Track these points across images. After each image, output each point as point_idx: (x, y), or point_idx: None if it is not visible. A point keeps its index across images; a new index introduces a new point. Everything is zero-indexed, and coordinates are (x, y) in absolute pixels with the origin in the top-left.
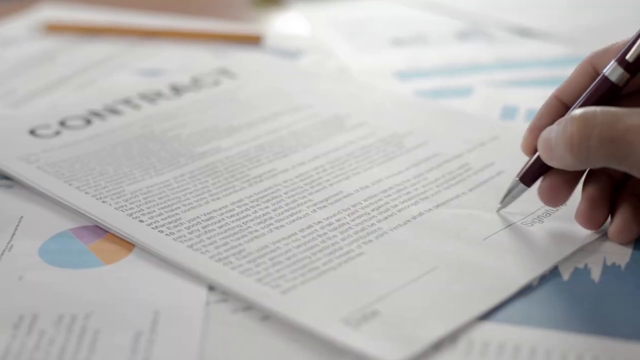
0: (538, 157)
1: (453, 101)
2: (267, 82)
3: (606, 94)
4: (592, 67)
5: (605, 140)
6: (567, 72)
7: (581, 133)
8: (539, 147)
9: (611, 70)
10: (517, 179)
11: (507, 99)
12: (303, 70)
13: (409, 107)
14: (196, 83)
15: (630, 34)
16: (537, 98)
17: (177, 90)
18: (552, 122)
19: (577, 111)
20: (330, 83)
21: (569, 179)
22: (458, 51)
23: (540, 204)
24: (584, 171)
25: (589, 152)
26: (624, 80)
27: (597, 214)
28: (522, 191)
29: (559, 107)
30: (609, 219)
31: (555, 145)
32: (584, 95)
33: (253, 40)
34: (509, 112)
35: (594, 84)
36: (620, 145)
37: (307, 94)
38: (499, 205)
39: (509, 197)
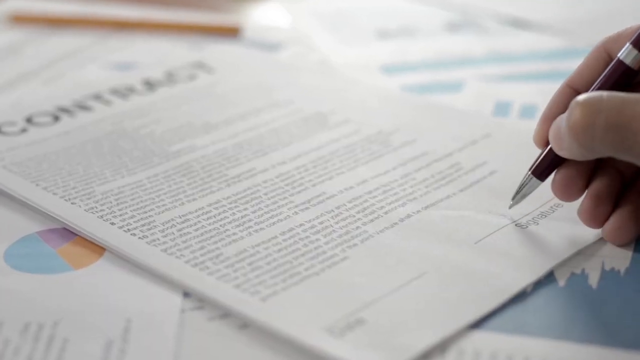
0: (550, 148)
1: (442, 97)
2: (246, 76)
3: (621, 78)
4: (605, 53)
5: (611, 127)
6: (563, 65)
7: (585, 119)
8: (550, 137)
9: (626, 53)
10: (529, 173)
11: (500, 94)
12: (283, 64)
13: (396, 103)
14: (170, 77)
15: (628, 25)
16: (532, 93)
17: (150, 85)
18: (564, 111)
19: (582, 96)
20: (312, 77)
21: (584, 171)
22: (448, 44)
23: (536, 204)
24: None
25: (594, 140)
26: (639, 64)
27: (601, 211)
28: (535, 186)
29: (572, 96)
30: None
31: (564, 133)
32: (597, 81)
33: (231, 32)
34: (502, 108)
35: (607, 69)
36: (627, 134)
37: (288, 89)
38: (511, 203)
39: (521, 193)
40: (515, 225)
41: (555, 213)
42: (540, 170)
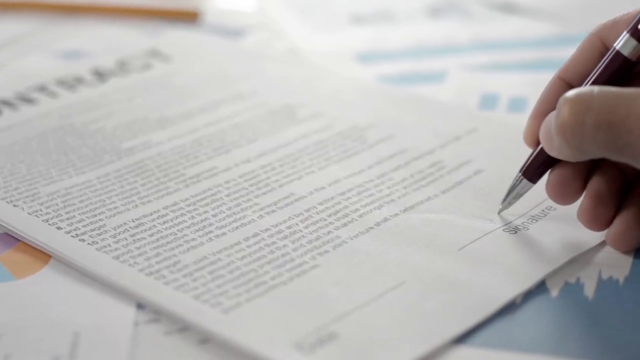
0: (542, 148)
1: (423, 88)
2: (206, 65)
3: (618, 70)
4: (600, 42)
5: (602, 126)
6: (555, 53)
7: (575, 117)
8: (541, 135)
9: (623, 42)
10: (519, 174)
11: (486, 85)
12: (248, 52)
13: (372, 95)
14: (123, 67)
15: (625, 9)
16: (521, 84)
17: (100, 75)
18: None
19: (571, 92)
20: (279, 67)
21: (581, 171)
22: (429, 30)
23: (527, 207)
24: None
25: (583, 139)
26: (637, 54)
27: (601, 212)
28: (527, 188)
29: (565, 89)
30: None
31: (553, 133)
32: (592, 73)
33: (189, 17)
34: (488, 101)
35: (603, 60)
36: (619, 133)
37: (253, 79)
38: (500, 207)
39: (511, 195)
40: (503, 230)
41: (547, 216)
42: (532, 172)
